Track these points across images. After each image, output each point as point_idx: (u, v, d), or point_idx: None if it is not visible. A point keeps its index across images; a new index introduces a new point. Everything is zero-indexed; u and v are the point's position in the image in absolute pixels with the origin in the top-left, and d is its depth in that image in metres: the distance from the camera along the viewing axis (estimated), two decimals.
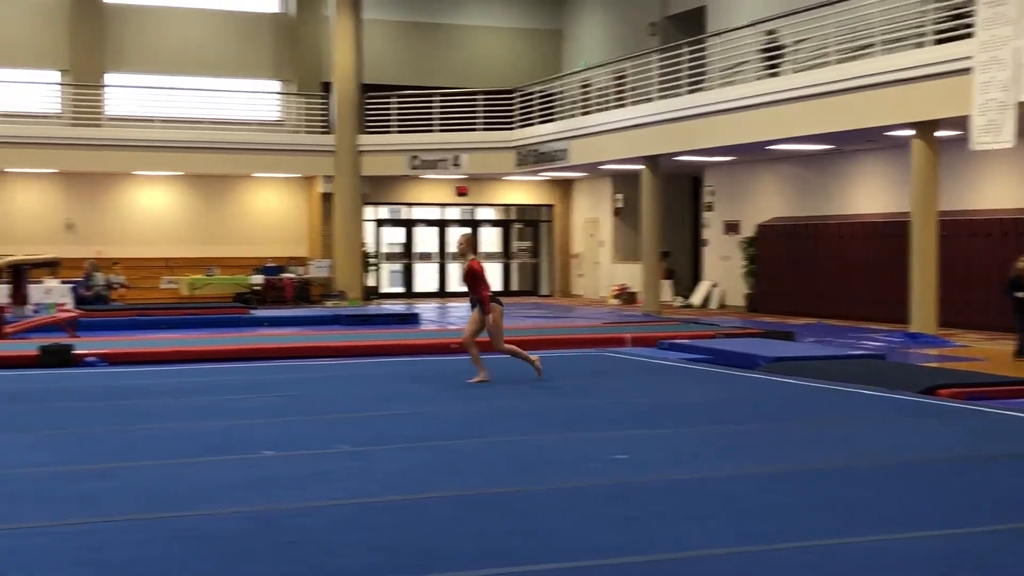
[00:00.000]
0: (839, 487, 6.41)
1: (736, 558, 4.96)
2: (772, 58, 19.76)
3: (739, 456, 7.35)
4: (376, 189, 29.74)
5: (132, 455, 7.37)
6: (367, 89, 28.81)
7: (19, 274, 20.63)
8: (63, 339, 15.62)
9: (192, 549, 5.10)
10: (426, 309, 25.50)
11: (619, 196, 29.48)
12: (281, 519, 5.64)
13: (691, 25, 26.80)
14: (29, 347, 14.08)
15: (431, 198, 31.19)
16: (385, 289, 31.06)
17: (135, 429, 8.48)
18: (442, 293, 31.19)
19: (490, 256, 31.93)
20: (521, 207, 32.44)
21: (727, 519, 5.63)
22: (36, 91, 27.86)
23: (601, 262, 30.28)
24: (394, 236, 31.39)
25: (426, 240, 31.58)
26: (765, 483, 6.49)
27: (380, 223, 31.03)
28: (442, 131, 28.43)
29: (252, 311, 22.65)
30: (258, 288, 27.48)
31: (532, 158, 27.43)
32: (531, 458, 7.28)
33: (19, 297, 20.41)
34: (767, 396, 10.43)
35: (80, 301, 21.56)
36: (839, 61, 18.63)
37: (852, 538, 5.25)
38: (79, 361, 13.49)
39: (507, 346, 11.35)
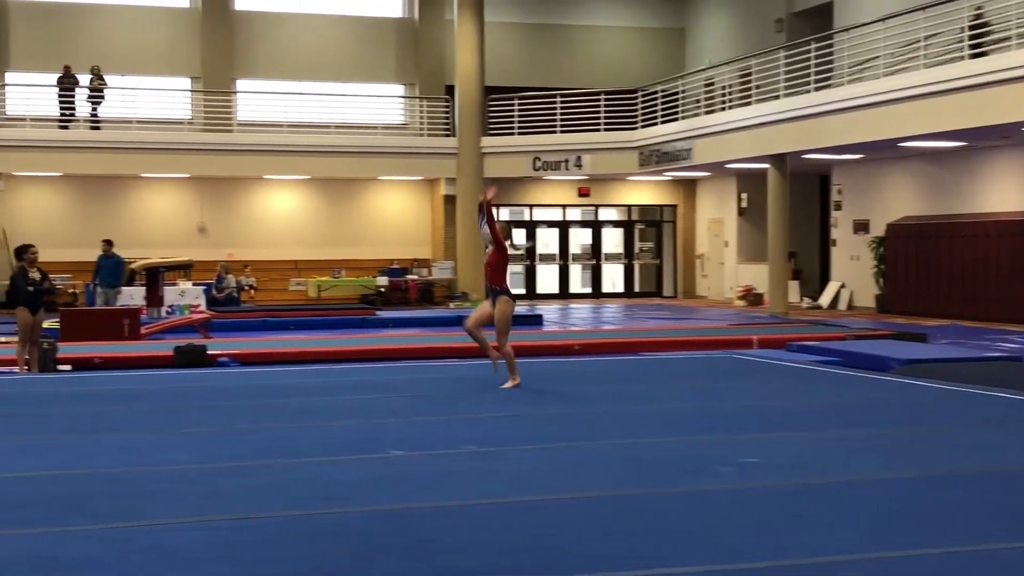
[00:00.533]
0: (975, 492, 6.23)
1: (873, 565, 4.86)
2: (978, 36, 18.71)
3: (873, 460, 7.20)
4: (499, 190, 29.86)
5: (267, 453, 7.53)
6: (489, 91, 28.99)
7: (154, 277, 21.30)
8: (197, 340, 16.06)
9: (327, 546, 5.19)
10: (549, 310, 25.53)
11: (744, 195, 29.13)
12: (412, 518, 5.71)
13: (818, 21, 26.38)
14: (164, 348, 14.51)
15: (553, 199, 31.24)
16: None
17: (269, 428, 8.67)
18: (564, 294, 31.20)
19: (612, 257, 31.86)
20: (643, 207, 32.28)
21: (863, 524, 5.52)
22: (169, 98, 28.69)
23: (726, 263, 29.96)
24: (516, 238, 31.45)
25: (548, 241, 31.62)
26: (900, 488, 6.35)
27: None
28: (564, 132, 28.45)
29: (377, 312, 22.98)
30: (383, 289, 27.86)
31: (655, 158, 27.27)
32: (658, 460, 7.23)
33: (154, 299, 21.08)
34: (900, 399, 10.20)
35: (212, 303, 22.13)
36: (972, 56, 18.12)
37: (992, 544, 5.11)
38: (212, 361, 13.85)
39: (507, 349, 10.83)
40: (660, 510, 5.87)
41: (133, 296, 21.39)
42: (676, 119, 26.87)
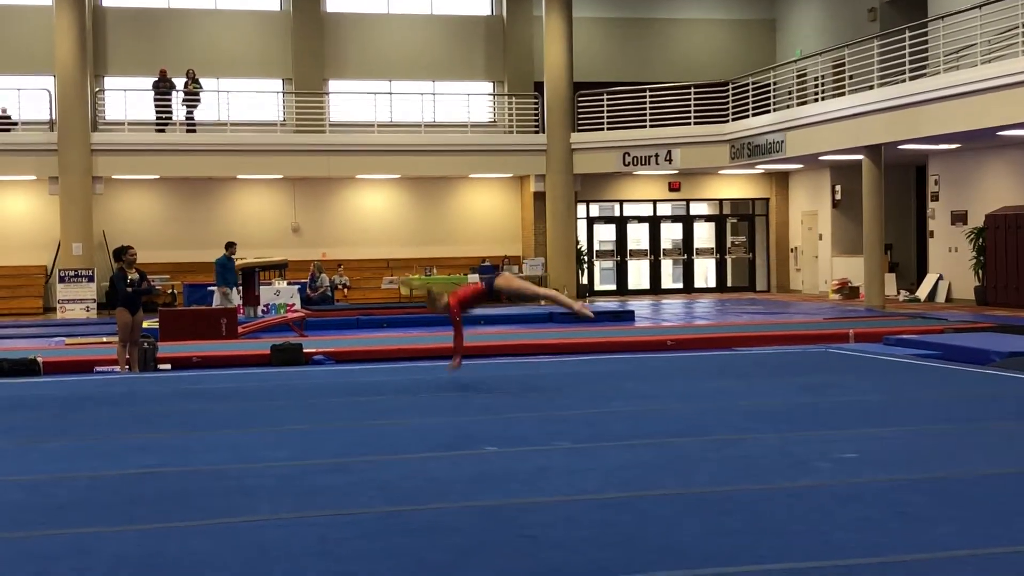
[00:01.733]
0: None
1: (978, 562, 4.78)
2: None
3: (976, 455, 7.08)
4: (588, 186, 29.87)
5: (365, 450, 7.64)
6: (578, 87, 28.97)
7: (251, 276, 21.65)
8: (292, 338, 16.30)
9: (427, 542, 5.25)
10: (640, 306, 25.44)
11: (838, 187, 28.72)
12: (510, 514, 5.75)
13: (912, 9, 25.89)
14: (261, 346, 14.75)
15: (643, 194, 31.10)
16: (598, 287, 31.15)
17: (366, 425, 8.78)
18: (656, 290, 31.05)
19: (703, 252, 31.63)
20: (735, 201, 31.98)
21: (967, 521, 5.43)
22: (263, 100, 29.15)
23: (820, 256, 29.56)
24: (606, 233, 31.43)
25: (638, 237, 31.50)
26: (1005, 483, 6.23)
27: (592, 220, 31.13)
28: (653, 127, 28.31)
29: (468, 310, 23.06)
30: None
31: (746, 151, 27.02)
32: (755, 456, 7.19)
33: (251, 298, 21.44)
34: (1003, 393, 10.00)
35: (306, 302, 22.44)
36: None
37: None
38: (308, 359, 14.04)
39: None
40: (761, 507, 5.84)
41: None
42: (768, 111, 26.58)
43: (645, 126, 28.35)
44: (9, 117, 26.45)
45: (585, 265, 30.27)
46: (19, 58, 27.37)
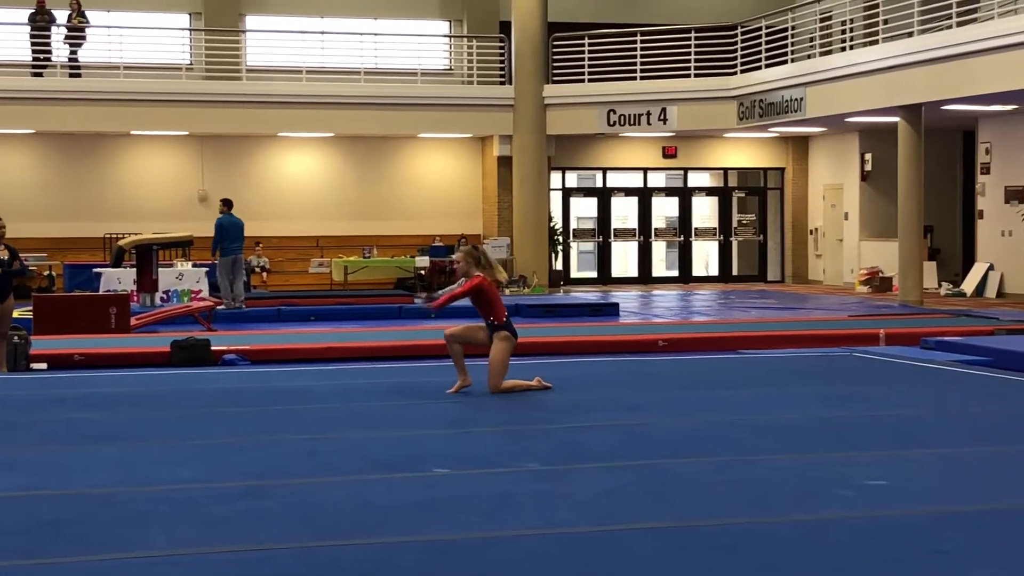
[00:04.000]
0: None
1: None
2: None
3: None
4: (564, 151, 29.90)
5: (288, 471, 7.63)
6: (554, 29, 28.96)
7: (147, 256, 21.54)
8: (198, 333, 16.24)
9: None
10: (626, 298, 25.52)
11: (868, 156, 28.90)
12: (463, 550, 5.76)
13: None
14: (159, 342, 14.69)
15: (631, 161, 31.17)
16: (575, 273, 31.22)
17: (289, 440, 8.77)
18: (646, 278, 31.16)
19: (703, 233, 31.75)
20: (743, 171, 32.13)
21: (1017, 563, 5.50)
22: (164, 38, 28.95)
23: (845, 239, 29.77)
24: (586, 209, 31.49)
25: (625, 213, 31.59)
26: None
27: (569, 192, 31.18)
28: (645, 79, 28.37)
29: (416, 300, 23.08)
30: (423, 272, 27.99)
31: (758, 110, 27.14)
32: (765, 482, 7.24)
33: (147, 283, 21.33)
34: None
35: (215, 288, 22.35)
36: None
37: None
38: (217, 359, 14.00)
39: (506, 383, 10.91)
40: (770, 543, 5.88)
41: (121, 280, 21.69)
42: (784, 62, 26.70)
43: (635, 78, 28.40)
44: None
45: (559, 247, 30.32)
46: None
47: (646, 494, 6.97)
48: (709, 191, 32.31)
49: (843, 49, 25.39)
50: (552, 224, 29.58)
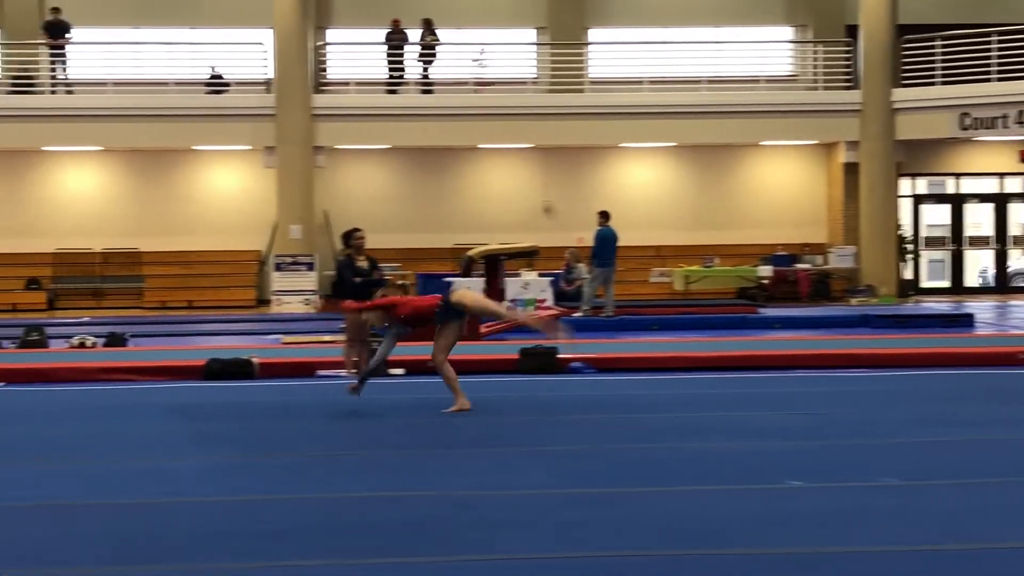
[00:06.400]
0: None
1: None
2: None
3: None
4: (914, 157, 29.05)
5: (636, 479, 7.67)
6: (903, 31, 28.19)
7: (494, 266, 22.04)
8: (544, 341, 16.50)
9: None
10: (980, 308, 24.57)
11: None
12: (817, 564, 5.66)
13: None
14: (507, 350, 14.99)
15: (986, 167, 30.01)
16: (925, 283, 30.29)
17: (633, 448, 8.80)
18: (1002, 288, 29.93)
19: None
20: None
21: None
22: (511, 54, 29.58)
23: None
24: (937, 216, 30.52)
25: (979, 221, 30.46)
26: None
27: (919, 199, 30.30)
28: (1002, 80, 27.27)
29: (760, 310, 22.83)
30: (766, 282, 27.68)
31: None
32: None
33: (494, 292, 21.82)
34: None
35: (560, 297, 22.66)
36: None
37: None
38: (563, 367, 14.19)
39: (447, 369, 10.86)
40: None
41: (470, 289, 22.24)
42: None
43: (990, 79, 27.37)
44: (220, 77, 27.70)
45: (909, 255, 29.48)
46: (231, 8, 28.75)
47: (1011, 513, 6.69)
48: None
49: None
50: (901, 232, 28.79)
